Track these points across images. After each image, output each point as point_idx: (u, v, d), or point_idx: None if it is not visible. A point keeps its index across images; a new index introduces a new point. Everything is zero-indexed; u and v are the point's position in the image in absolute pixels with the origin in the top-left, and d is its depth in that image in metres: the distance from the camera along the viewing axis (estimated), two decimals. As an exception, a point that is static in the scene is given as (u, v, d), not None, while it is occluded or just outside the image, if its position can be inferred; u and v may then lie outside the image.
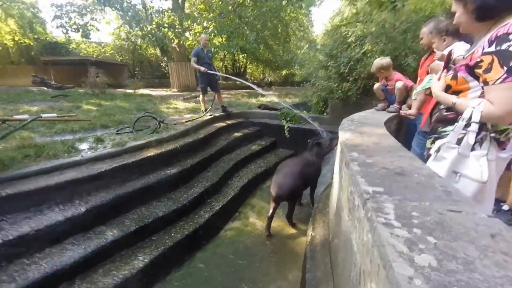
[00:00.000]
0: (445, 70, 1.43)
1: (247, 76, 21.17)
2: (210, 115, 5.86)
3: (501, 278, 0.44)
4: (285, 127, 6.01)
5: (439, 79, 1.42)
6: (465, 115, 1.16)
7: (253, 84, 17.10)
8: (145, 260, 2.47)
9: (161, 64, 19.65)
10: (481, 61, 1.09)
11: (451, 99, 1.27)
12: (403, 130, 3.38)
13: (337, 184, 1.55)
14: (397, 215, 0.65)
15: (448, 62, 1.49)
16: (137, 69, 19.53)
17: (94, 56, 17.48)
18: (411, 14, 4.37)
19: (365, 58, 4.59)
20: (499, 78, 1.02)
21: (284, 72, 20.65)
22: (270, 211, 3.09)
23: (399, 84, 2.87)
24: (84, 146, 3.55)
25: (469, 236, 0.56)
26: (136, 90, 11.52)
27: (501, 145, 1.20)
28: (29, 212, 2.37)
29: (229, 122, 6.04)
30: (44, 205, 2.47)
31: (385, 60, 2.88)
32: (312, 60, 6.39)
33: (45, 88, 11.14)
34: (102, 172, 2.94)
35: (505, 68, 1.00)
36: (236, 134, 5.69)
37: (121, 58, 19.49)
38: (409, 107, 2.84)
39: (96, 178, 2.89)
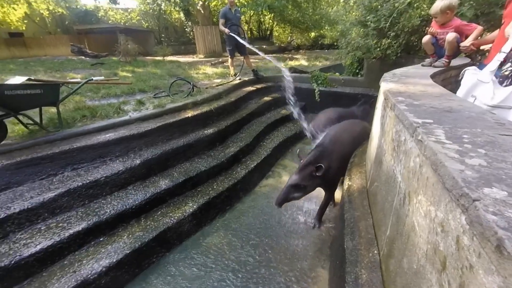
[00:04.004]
0: None
1: (273, 39, 20.11)
2: (240, 79, 5.89)
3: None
4: (315, 91, 5.88)
5: None
6: (504, 48, 1.16)
7: (279, 48, 16.30)
8: (194, 206, 2.83)
9: (186, 29, 19.33)
10: None
11: None
12: (449, 88, 3.16)
13: (377, 134, 1.61)
14: (447, 136, 0.72)
15: None
16: (162, 35, 19.49)
17: (122, 23, 17.73)
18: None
19: (410, 10, 4.14)
20: None
21: (312, 34, 19.20)
22: None
23: (450, 36, 2.63)
24: (128, 108, 3.89)
25: (519, 150, 0.62)
26: (165, 57, 11.72)
27: None
28: (97, 162, 2.78)
29: (258, 86, 6.04)
30: (107, 157, 2.86)
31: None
32: (347, 17, 5.90)
33: (83, 57, 11.79)
34: (149, 130, 3.25)
35: None
36: (266, 98, 5.72)
37: (147, 24, 19.50)
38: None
39: (145, 136, 3.22)
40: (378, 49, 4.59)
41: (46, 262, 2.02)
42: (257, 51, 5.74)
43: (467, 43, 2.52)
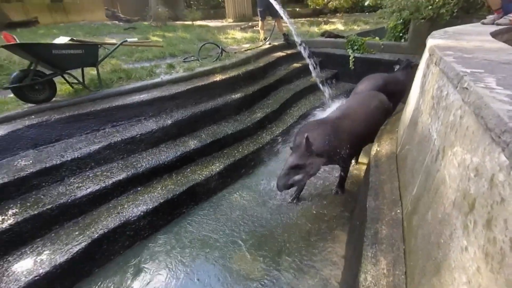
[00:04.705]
0: None
1: (308, 1, 18.50)
2: (269, 43, 5.65)
3: None
4: (350, 57, 5.45)
5: None
6: None
7: (314, 11, 14.96)
8: (220, 166, 2.98)
9: (215, -8, 18.49)
10: None
11: None
12: None
13: (415, 97, 1.49)
14: (499, 84, 0.65)
15: None
16: (192, -2, 18.92)
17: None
18: None
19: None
20: None
21: (352, -5, 17.26)
22: None
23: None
24: (160, 71, 4.00)
25: None
26: (194, 22, 11.53)
27: None
28: (133, 121, 2.99)
29: (289, 52, 5.75)
30: (142, 117, 3.06)
31: None
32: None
33: (117, 21, 12.06)
34: (179, 93, 3.36)
35: None
36: (296, 65, 5.47)
37: (176, -13, 18.95)
38: None
39: (175, 98, 3.33)
40: (430, 7, 4.02)
41: (95, 203, 2.34)
42: (283, 16, 5.27)
43: None
